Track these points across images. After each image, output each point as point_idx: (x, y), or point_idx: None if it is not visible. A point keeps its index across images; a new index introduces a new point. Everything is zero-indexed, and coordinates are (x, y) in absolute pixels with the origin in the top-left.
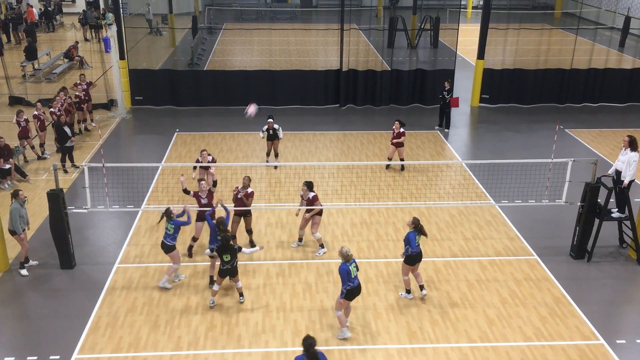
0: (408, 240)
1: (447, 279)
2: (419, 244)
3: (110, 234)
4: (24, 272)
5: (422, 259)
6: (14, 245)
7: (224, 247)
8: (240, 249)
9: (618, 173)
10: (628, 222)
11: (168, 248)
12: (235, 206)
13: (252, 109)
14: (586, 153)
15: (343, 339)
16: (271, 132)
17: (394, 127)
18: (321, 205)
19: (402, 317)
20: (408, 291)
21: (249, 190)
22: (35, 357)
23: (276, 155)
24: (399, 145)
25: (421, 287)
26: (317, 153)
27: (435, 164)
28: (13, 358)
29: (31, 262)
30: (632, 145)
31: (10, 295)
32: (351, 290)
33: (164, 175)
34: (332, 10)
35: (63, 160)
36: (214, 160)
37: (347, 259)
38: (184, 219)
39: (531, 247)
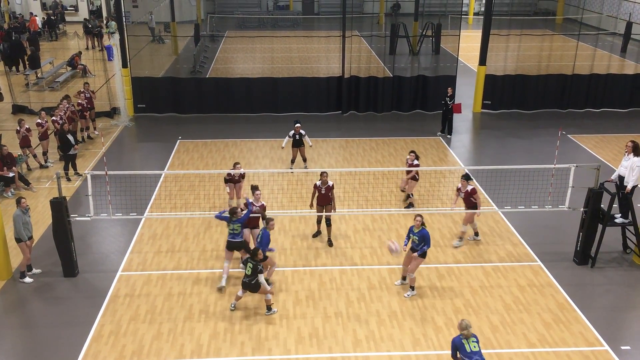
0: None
1: (451, 286)
2: None
3: (113, 242)
4: (27, 279)
5: (425, 265)
6: (17, 254)
7: (249, 257)
8: (261, 270)
9: (621, 178)
10: (631, 228)
11: (239, 244)
12: (318, 202)
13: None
14: (589, 158)
15: None
16: (297, 137)
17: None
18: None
19: (405, 323)
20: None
21: (330, 183)
22: None
23: (304, 160)
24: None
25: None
26: (319, 160)
27: (437, 170)
28: None
29: (34, 270)
30: (635, 150)
31: (13, 303)
32: None
33: (167, 182)
34: (334, 17)
35: (66, 169)
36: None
37: (464, 333)
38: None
39: (534, 253)
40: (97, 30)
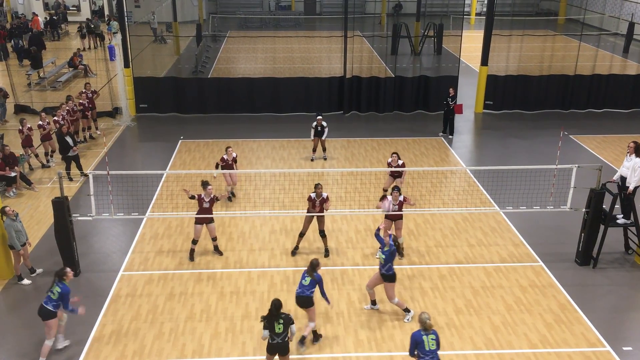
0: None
1: (452, 286)
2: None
3: (114, 242)
4: (25, 281)
5: (427, 266)
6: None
7: (276, 314)
8: (292, 321)
9: (623, 179)
10: (633, 229)
11: (46, 314)
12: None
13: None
14: (591, 159)
15: None
16: (319, 128)
17: (390, 161)
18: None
19: (406, 324)
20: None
21: (325, 195)
22: None
23: (324, 150)
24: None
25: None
26: (321, 160)
27: (439, 171)
28: None
29: (38, 271)
30: (637, 151)
31: (15, 302)
32: None
33: (169, 182)
34: (336, 17)
35: (67, 169)
36: (236, 157)
37: (424, 327)
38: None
39: (536, 253)
40: (80, 29)
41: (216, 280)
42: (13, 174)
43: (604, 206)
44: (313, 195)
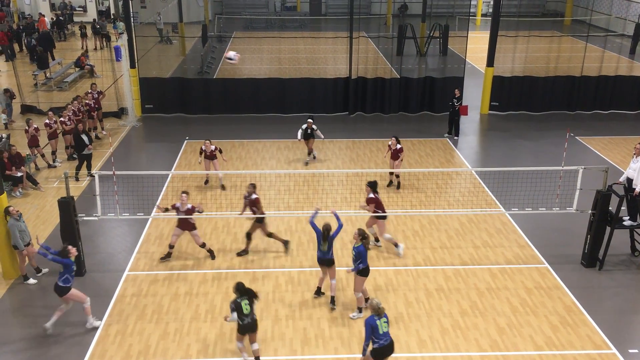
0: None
1: (457, 287)
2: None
3: (120, 242)
4: (31, 281)
5: (432, 267)
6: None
7: (242, 294)
8: (256, 295)
9: (629, 181)
10: None
11: (60, 290)
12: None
13: (232, 55)
14: (597, 160)
15: None
16: (309, 131)
17: (390, 143)
18: (385, 213)
19: (411, 325)
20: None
21: (253, 196)
22: None
23: (310, 152)
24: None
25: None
26: (326, 161)
27: (444, 172)
28: None
29: (43, 271)
30: None
31: (21, 302)
32: (379, 350)
33: (174, 183)
34: (341, 18)
35: (79, 168)
36: (216, 149)
37: (377, 312)
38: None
39: (542, 255)
40: (81, 29)
41: (221, 281)
42: (19, 174)
43: (610, 208)
44: (246, 193)
